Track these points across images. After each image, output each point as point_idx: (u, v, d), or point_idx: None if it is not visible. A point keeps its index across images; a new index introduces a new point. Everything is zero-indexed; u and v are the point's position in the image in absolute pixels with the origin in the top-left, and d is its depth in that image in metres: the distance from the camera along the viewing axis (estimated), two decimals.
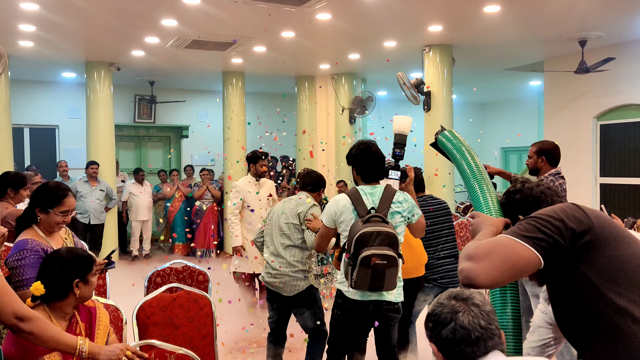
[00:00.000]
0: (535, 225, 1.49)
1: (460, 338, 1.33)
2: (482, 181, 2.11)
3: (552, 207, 1.58)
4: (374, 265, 2.75)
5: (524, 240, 1.46)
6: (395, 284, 2.89)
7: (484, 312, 1.36)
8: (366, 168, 3.03)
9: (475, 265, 1.44)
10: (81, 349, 1.93)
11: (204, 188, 9.09)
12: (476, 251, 1.47)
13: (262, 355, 4.38)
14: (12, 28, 6.28)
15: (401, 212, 2.97)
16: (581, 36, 6.90)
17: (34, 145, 10.03)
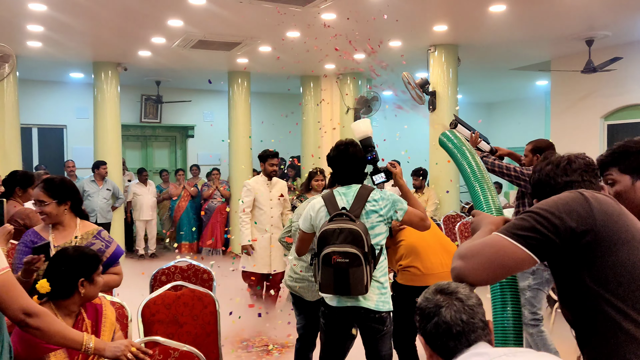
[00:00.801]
0: (530, 221, 1.46)
1: (442, 332, 1.37)
2: (482, 181, 2.11)
3: (557, 198, 1.52)
4: (335, 264, 2.61)
5: (515, 239, 1.45)
6: (365, 288, 2.64)
7: (467, 306, 1.38)
8: (340, 170, 2.88)
9: (464, 264, 1.47)
10: (87, 345, 1.95)
11: (214, 187, 9.13)
12: (467, 251, 1.50)
13: (267, 355, 4.39)
14: (20, 28, 6.34)
15: (378, 210, 2.76)
16: (588, 35, 6.88)
17: (42, 145, 10.11)
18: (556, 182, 1.63)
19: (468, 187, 2.14)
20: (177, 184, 9.34)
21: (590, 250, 1.44)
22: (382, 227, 2.79)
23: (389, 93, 11.55)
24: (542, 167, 1.68)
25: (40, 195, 2.68)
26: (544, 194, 1.63)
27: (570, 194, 1.52)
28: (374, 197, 2.78)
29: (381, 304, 2.76)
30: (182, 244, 9.16)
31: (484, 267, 1.45)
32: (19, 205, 3.77)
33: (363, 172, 2.90)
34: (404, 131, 12.08)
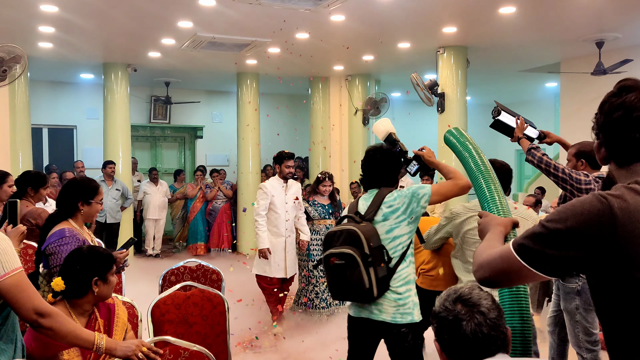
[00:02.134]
0: (540, 237, 1.33)
1: (461, 344, 1.36)
2: (489, 179, 2.05)
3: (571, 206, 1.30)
4: (333, 266, 2.54)
5: (522, 257, 1.34)
6: (367, 292, 2.50)
7: (489, 319, 1.36)
8: (364, 175, 2.85)
9: (485, 274, 1.45)
10: (99, 345, 1.97)
11: (216, 189, 9.15)
12: (485, 260, 1.46)
13: (273, 354, 4.40)
14: (31, 29, 6.40)
15: (395, 210, 2.63)
16: (598, 37, 6.84)
17: (52, 145, 10.19)
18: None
19: (474, 186, 2.09)
20: (195, 184, 9.35)
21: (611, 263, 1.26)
22: (403, 227, 2.64)
23: (397, 94, 11.55)
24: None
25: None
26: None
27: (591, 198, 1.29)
28: (390, 198, 2.67)
29: (399, 317, 2.59)
30: (197, 245, 9.16)
31: (500, 277, 1.42)
32: (31, 205, 3.80)
33: (389, 177, 2.77)
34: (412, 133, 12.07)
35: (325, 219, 5.53)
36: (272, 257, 5.14)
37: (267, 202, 5.14)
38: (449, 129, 2.44)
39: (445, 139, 2.44)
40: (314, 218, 5.51)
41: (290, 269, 5.28)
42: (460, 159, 2.26)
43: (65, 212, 2.75)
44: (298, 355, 4.40)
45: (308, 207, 5.53)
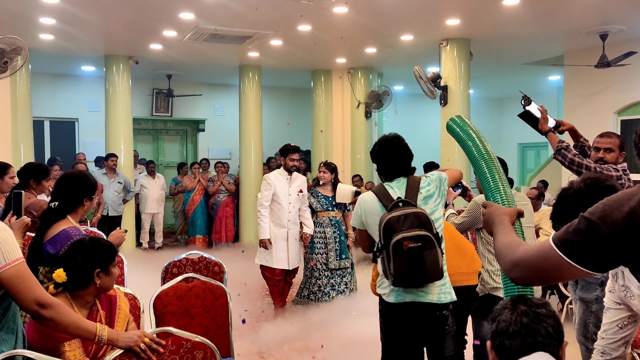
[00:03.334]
0: (585, 230, 1.31)
1: (500, 331, 1.38)
2: (493, 169, 2.01)
3: (615, 197, 1.32)
4: (408, 251, 2.48)
5: (569, 256, 1.32)
6: (441, 271, 2.55)
7: (532, 311, 1.38)
8: (389, 166, 2.77)
9: (521, 273, 1.43)
10: (100, 335, 1.96)
11: (218, 183, 9.14)
12: (522, 259, 1.43)
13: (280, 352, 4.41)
14: (33, 21, 6.38)
15: (432, 195, 2.72)
16: (602, 30, 6.80)
17: (54, 138, 10.19)
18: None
19: (478, 176, 2.04)
20: (193, 177, 9.36)
21: None
22: (439, 210, 2.73)
23: (400, 87, 11.51)
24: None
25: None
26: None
27: (632, 190, 1.32)
28: (424, 184, 2.73)
29: (443, 296, 2.65)
30: (196, 238, 9.18)
31: (538, 276, 1.41)
32: (33, 197, 3.80)
33: (411, 165, 2.80)
34: (415, 126, 12.05)
35: (328, 211, 5.47)
36: (274, 247, 5.20)
37: (271, 193, 5.19)
38: (452, 117, 2.40)
39: (448, 127, 2.40)
40: (316, 210, 5.47)
41: (292, 261, 5.31)
42: (463, 147, 2.23)
43: (68, 207, 2.67)
44: (299, 348, 4.40)
45: (311, 198, 5.48)
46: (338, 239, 5.40)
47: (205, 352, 2.13)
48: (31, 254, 2.63)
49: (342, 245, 5.42)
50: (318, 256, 5.37)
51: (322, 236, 5.40)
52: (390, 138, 2.81)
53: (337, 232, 5.42)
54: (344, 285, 5.40)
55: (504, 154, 13.38)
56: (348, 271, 5.46)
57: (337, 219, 5.47)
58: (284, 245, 5.26)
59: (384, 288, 2.71)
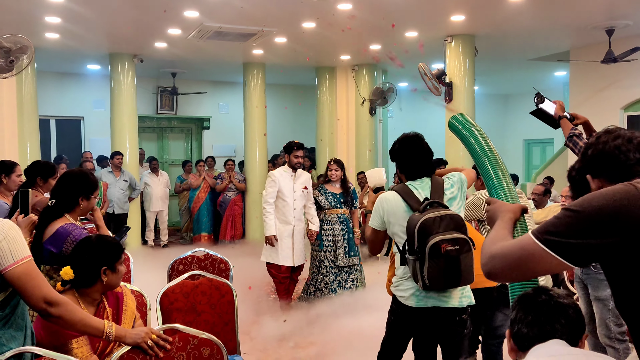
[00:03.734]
0: (568, 222, 1.33)
1: (519, 318, 1.40)
2: (496, 165, 2.00)
3: (606, 192, 1.34)
4: (446, 254, 2.43)
5: (546, 244, 1.34)
6: (473, 276, 2.53)
7: (555, 301, 1.39)
8: (411, 165, 2.71)
9: (494, 264, 1.44)
10: (108, 332, 1.98)
11: (227, 181, 9.14)
12: (500, 251, 1.43)
13: (285, 349, 4.42)
14: (38, 20, 6.41)
15: (455, 197, 2.71)
16: (608, 25, 6.76)
17: (60, 137, 10.23)
18: (627, 157, 1.42)
19: (481, 173, 2.04)
20: (198, 175, 9.37)
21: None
22: (462, 213, 2.71)
23: (404, 84, 11.49)
24: (608, 140, 1.45)
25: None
26: (605, 170, 1.46)
27: (620, 187, 1.35)
28: (447, 186, 2.71)
29: (464, 300, 2.66)
30: (201, 235, 9.20)
31: (513, 268, 1.41)
32: (40, 195, 3.82)
33: (432, 164, 2.77)
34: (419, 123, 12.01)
35: (336, 208, 5.43)
36: (280, 244, 5.21)
37: (275, 190, 5.21)
38: (454, 115, 2.40)
39: (450, 125, 2.40)
40: (324, 207, 5.43)
41: (298, 258, 5.32)
42: (466, 144, 2.22)
43: (65, 206, 2.70)
44: (305, 344, 4.41)
45: (319, 195, 5.46)
46: (346, 236, 5.40)
47: (212, 349, 2.15)
48: (32, 253, 2.65)
49: (351, 242, 5.42)
50: (326, 253, 5.37)
51: (331, 233, 5.39)
52: (412, 136, 2.75)
53: (345, 229, 5.41)
54: (350, 282, 5.40)
55: (509, 150, 13.39)
56: (355, 268, 5.45)
57: (345, 216, 5.46)
58: (289, 242, 5.27)
59: (403, 291, 2.66)
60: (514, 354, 1.41)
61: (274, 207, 5.24)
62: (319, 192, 5.49)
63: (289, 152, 5.27)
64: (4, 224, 1.82)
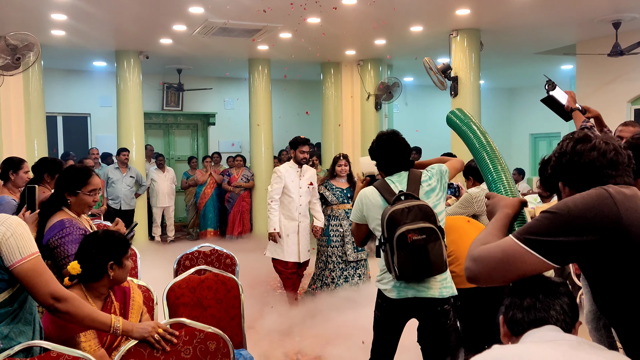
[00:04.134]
0: (547, 224, 1.39)
1: (514, 303, 1.39)
2: (495, 160, 2.00)
3: (581, 196, 1.41)
4: (412, 243, 2.47)
5: (527, 244, 1.38)
6: (444, 264, 2.55)
7: (550, 289, 1.39)
8: (388, 161, 2.80)
9: (476, 267, 1.45)
10: (115, 327, 2.00)
11: (240, 189, 9.18)
12: (481, 254, 1.45)
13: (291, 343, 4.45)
14: (44, 17, 6.43)
15: (434, 188, 2.75)
16: (615, 18, 6.70)
17: (67, 133, 10.29)
18: (600, 174, 1.46)
19: (480, 168, 2.04)
20: (204, 171, 9.41)
21: (620, 250, 1.36)
22: (442, 204, 2.75)
23: (410, 79, 11.46)
24: (584, 151, 1.47)
25: (99, 183, 2.72)
26: (577, 181, 1.49)
27: (595, 191, 1.41)
28: (425, 178, 2.77)
29: (444, 290, 2.67)
30: (207, 231, 9.24)
31: (495, 270, 1.42)
32: (48, 191, 3.85)
33: (409, 160, 2.83)
34: (425, 117, 11.99)
35: (344, 204, 5.42)
36: (285, 240, 5.21)
37: (281, 186, 5.19)
38: (452, 110, 2.41)
39: (448, 120, 2.39)
40: (331, 202, 5.42)
41: (303, 254, 5.32)
42: (464, 138, 2.22)
43: (57, 201, 2.66)
44: (311, 338, 4.43)
45: (325, 191, 5.45)
46: None
47: (218, 343, 2.17)
48: None
49: None
50: (334, 249, 5.36)
51: (338, 229, 5.38)
52: (388, 133, 2.85)
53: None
54: (357, 277, 5.41)
55: (515, 145, 13.34)
56: (362, 263, 5.46)
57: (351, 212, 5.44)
58: (294, 239, 5.27)
59: (385, 283, 2.72)
60: (507, 339, 1.41)
61: (279, 203, 5.23)
62: (325, 188, 5.48)
63: (295, 148, 5.25)
64: (11, 221, 1.85)
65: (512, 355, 1.19)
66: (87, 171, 2.71)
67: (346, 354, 3.95)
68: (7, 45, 5.14)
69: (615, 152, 1.48)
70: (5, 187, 3.98)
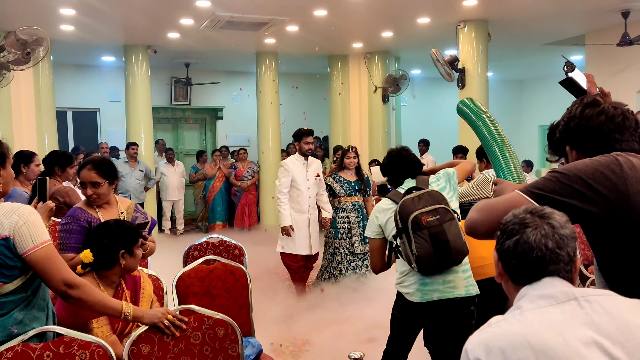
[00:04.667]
0: (555, 182, 1.39)
1: (520, 252, 1.23)
2: (503, 147, 2.03)
3: (590, 162, 1.41)
4: (427, 225, 2.45)
5: (532, 197, 1.38)
6: (465, 245, 2.49)
7: (557, 234, 1.22)
8: (397, 174, 2.83)
9: (478, 216, 1.45)
10: (126, 313, 2.05)
11: (248, 183, 9.22)
12: (483, 204, 1.46)
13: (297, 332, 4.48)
14: (53, 12, 6.49)
15: (444, 187, 2.77)
16: (624, 7, 6.65)
17: (76, 128, 10.39)
18: (607, 138, 1.46)
19: (489, 155, 2.06)
20: (213, 165, 9.48)
21: (622, 219, 1.36)
22: (454, 202, 2.74)
23: (417, 71, 11.42)
24: (592, 115, 1.48)
25: (93, 177, 2.64)
26: (584, 144, 1.49)
27: (604, 158, 1.41)
28: (433, 180, 2.79)
29: (471, 288, 2.63)
30: (215, 224, 9.32)
31: (496, 219, 1.35)
32: (59, 184, 3.91)
33: (416, 170, 2.85)
34: (433, 109, 11.95)
35: (351, 196, 5.41)
36: (296, 234, 5.18)
37: (289, 179, 5.15)
38: (462, 99, 2.42)
39: (458, 109, 2.41)
40: (339, 195, 5.41)
41: (314, 246, 5.31)
42: (473, 127, 2.24)
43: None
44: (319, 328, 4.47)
45: (333, 183, 5.44)
46: (361, 224, 5.40)
47: (226, 329, 2.21)
48: None
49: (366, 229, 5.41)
50: (341, 241, 5.37)
51: (346, 221, 5.39)
52: (398, 150, 2.88)
53: (360, 216, 5.42)
54: (365, 268, 5.43)
55: (524, 136, 13.25)
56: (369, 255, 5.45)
57: (359, 204, 5.45)
58: (306, 232, 5.23)
59: (407, 287, 2.67)
60: (505, 283, 1.30)
61: (288, 196, 5.19)
62: (333, 180, 5.48)
63: (299, 140, 5.19)
64: (23, 210, 1.89)
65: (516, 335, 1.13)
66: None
67: (352, 346, 3.98)
68: (17, 40, 5.19)
69: (622, 116, 1.48)
70: (16, 180, 4.04)
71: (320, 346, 4.08)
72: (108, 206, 2.73)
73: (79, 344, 1.90)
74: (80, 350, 1.89)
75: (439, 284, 2.60)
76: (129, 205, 2.84)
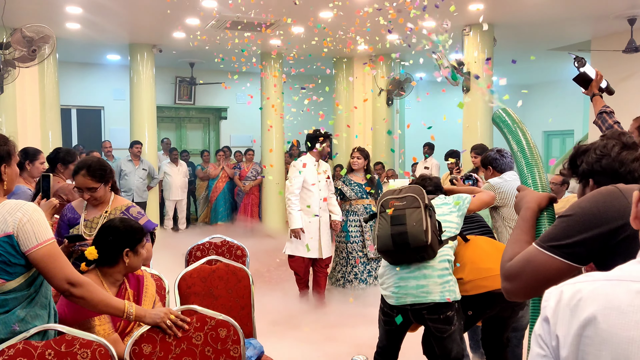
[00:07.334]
0: (565, 227, 1.40)
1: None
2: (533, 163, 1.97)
3: (592, 196, 1.43)
4: (392, 207, 2.59)
5: (551, 251, 1.40)
6: (424, 234, 2.51)
7: None
8: None
9: (512, 286, 1.47)
10: (128, 312, 2.04)
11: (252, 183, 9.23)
12: (510, 271, 1.47)
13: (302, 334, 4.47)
14: (60, 10, 6.50)
15: (447, 202, 2.88)
16: (630, 14, 6.64)
17: (81, 126, 10.40)
18: (633, 182, 1.48)
19: (517, 168, 2.01)
20: (217, 165, 9.48)
21: (629, 243, 1.35)
22: (453, 217, 2.80)
23: (422, 74, 11.40)
24: (628, 160, 1.49)
25: (89, 183, 2.70)
26: (609, 183, 1.49)
27: (605, 189, 1.44)
28: (441, 196, 2.94)
29: (447, 293, 2.62)
30: (218, 224, 9.32)
31: (530, 285, 1.42)
32: (62, 181, 3.91)
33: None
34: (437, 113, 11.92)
35: (362, 199, 5.30)
36: (307, 237, 4.98)
37: (301, 180, 4.94)
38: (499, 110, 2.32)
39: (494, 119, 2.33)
40: (350, 198, 5.30)
41: (325, 249, 5.09)
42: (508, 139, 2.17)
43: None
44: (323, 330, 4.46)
45: (343, 186, 5.32)
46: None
47: (228, 330, 2.20)
48: None
49: None
50: (354, 244, 5.27)
51: (358, 224, 5.28)
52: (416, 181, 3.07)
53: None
54: None
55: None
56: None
57: (371, 207, 5.33)
58: (316, 235, 5.06)
59: (385, 289, 2.75)
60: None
61: (299, 198, 4.97)
62: (343, 183, 5.34)
63: (321, 142, 4.97)
64: (27, 207, 1.89)
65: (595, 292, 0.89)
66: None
67: (355, 349, 3.97)
68: (23, 37, 5.20)
69: None
70: (20, 177, 4.04)
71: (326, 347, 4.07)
72: (99, 205, 2.84)
73: (81, 343, 1.89)
74: (82, 349, 1.89)
75: (412, 288, 2.65)
76: (118, 207, 2.85)
